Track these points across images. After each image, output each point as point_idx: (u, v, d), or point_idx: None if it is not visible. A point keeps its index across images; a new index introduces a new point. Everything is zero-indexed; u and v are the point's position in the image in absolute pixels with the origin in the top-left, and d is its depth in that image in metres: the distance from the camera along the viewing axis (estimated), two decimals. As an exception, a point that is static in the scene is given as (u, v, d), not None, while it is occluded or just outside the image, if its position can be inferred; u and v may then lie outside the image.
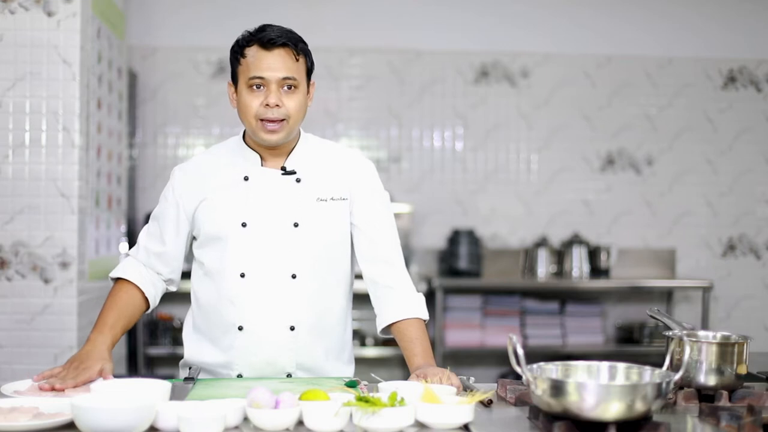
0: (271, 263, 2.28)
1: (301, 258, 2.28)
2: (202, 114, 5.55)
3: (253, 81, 2.20)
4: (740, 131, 5.84)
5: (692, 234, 5.82)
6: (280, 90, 2.20)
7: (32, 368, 3.71)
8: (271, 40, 2.19)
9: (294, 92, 2.22)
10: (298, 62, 2.22)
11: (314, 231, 2.29)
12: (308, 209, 2.29)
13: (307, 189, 2.30)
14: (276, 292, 2.28)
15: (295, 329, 2.29)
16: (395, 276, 2.35)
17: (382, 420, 1.70)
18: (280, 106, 2.20)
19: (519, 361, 1.78)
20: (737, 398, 2.06)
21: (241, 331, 2.28)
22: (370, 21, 5.63)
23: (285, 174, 2.30)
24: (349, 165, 2.37)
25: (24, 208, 3.81)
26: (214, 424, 1.67)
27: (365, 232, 2.34)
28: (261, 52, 2.20)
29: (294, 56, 2.21)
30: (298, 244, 2.28)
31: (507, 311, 5.43)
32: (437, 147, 5.71)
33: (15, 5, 3.80)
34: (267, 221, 2.28)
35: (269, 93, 2.19)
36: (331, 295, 2.35)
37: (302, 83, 2.24)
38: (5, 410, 1.77)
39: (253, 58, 2.20)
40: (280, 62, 2.19)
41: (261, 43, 2.20)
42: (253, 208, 2.28)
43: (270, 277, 2.28)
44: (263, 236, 2.27)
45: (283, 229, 2.28)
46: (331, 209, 2.31)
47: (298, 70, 2.22)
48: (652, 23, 5.78)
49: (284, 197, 2.29)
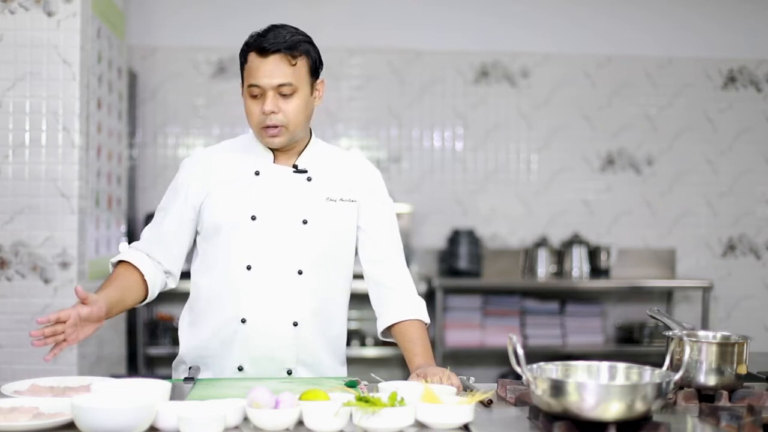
0: (278, 258, 2.28)
1: (308, 255, 2.29)
2: (202, 114, 5.55)
3: (251, 89, 2.22)
4: (740, 131, 5.84)
5: (692, 234, 5.82)
6: (277, 96, 2.21)
7: (32, 368, 3.71)
8: (264, 48, 2.19)
9: (291, 97, 2.22)
10: (295, 66, 2.21)
11: (322, 229, 2.30)
12: (317, 208, 2.31)
13: (317, 188, 2.32)
14: (281, 287, 2.28)
15: (298, 325, 2.29)
16: (397, 278, 2.38)
17: (382, 420, 1.70)
18: (276, 113, 2.21)
19: (519, 361, 1.78)
20: (737, 398, 2.06)
21: (244, 323, 2.28)
22: (370, 21, 5.63)
23: (296, 172, 2.32)
24: (358, 169, 2.40)
25: (24, 208, 3.81)
26: (214, 424, 1.67)
27: (369, 234, 2.37)
28: (257, 60, 2.21)
29: (289, 61, 2.20)
30: (305, 240, 2.29)
31: (507, 311, 5.43)
32: (437, 147, 5.71)
33: (15, 5, 3.80)
34: (276, 216, 2.29)
35: (266, 100, 2.21)
36: (333, 293, 2.36)
37: (302, 86, 2.23)
38: (5, 410, 1.77)
39: (251, 64, 2.22)
40: (274, 69, 2.20)
41: (257, 49, 2.21)
42: (263, 202, 2.29)
43: (276, 271, 2.28)
44: (272, 230, 2.28)
45: (291, 225, 2.29)
46: (339, 209, 2.33)
47: (294, 75, 2.21)
48: (652, 23, 5.78)
49: (294, 194, 2.30)
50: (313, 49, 2.27)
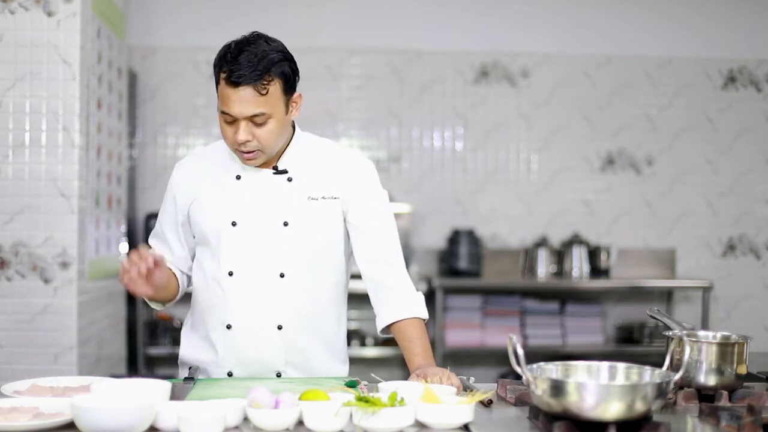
0: (260, 262, 2.28)
1: (291, 257, 2.29)
2: (202, 114, 5.55)
3: (224, 115, 2.18)
4: (740, 131, 5.84)
5: (692, 234, 5.82)
6: (249, 124, 2.16)
7: (32, 368, 3.71)
8: (235, 82, 2.12)
9: (265, 124, 2.17)
10: (267, 95, 2.14)
11: (304, 230, 2.29)
12: (298, 208, 2.29)
13: (298, 188, 2.30)
14: (263, 291, 2.29)
15: (282, 328, 2.29)
16: (395, 276, 2.35)
17: (382, 420, 1.70)
18: (250, 140, 2.17)
19: (519, 361, 1.78)
20: (737, 398, 2.06)
21: (230, 329, 2.30)
22: (370, 21, 5.63)
23: (276, 173, 2.30)
24: (345, 164, 2.36)
25: (24, 208, 3.81)
26: (214, 424, 1.67)
27: (365, 232, 2.34)
28: (228, 89, 2.13)
29: (260, 92, 2.13)
30: (287, 243, 2.28)
31: (507, 311, 5.43)
32: (437, 147, 5.71)
33: (15, 5, 3.80)
34: (256, 220, 2.29)
35: (238, 129, 2.16)
36: (321, 293, 2.35)
37: (276, 111, 2.17)
38: (5, 410, 1.77)
39: (222, 90, 2.16)
40: (246, 100, 2.13)
41: (227, 78, 2.14)
42: (243, 207, 2.29)
43: (258, 276, 2.29)
44: (252, 235, 2.28)
45: (272, 228, 2.28)
46: (322, 208, 2.31)
47: (267, 103, 2.15)
48: (652, 23, 5.78)
49: (275, 196, 2.29)
50: (288, 64, 2.19)
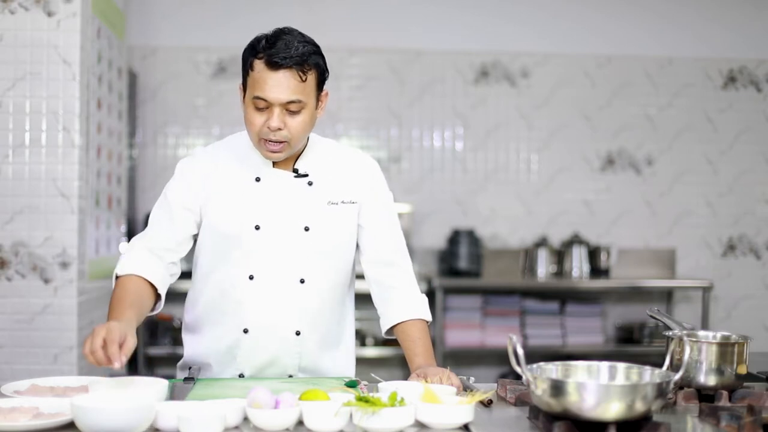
0: (281, 267, 2.25)
1: (311, 262, 2.26)
2: (202, 114, 5.55)
3: (256, 101, 2.12)
4: (740, 131, 5.84)
5: (692, 234, 5.82)
6: (283, 112, 2.12)
7: (32, 368, 3.72)
8: (275, 63, 2.08)
9: (299, 113, 2.13)
10: (305, 82, 2.12)
11: (324, 235, 2.26)
12: (319, 213, 2.26)
13: (318, 192, 2.27)
14: (284, 297, 2.26)
15: (300, 334, 2.28)
16: (400, 277, 2.35)
17: (382, 420, 1.70)
18: (282, 129, 2.13)
19: (519, 361, 1.78)
20: (737, 398, 2.06)
21: (247, 333, 2.26)
22: (370, 21, 5.63)
23: (297, 176, 2.26)
24: (358, 167, 2.34)
25: (24, 208, 3.81)
26: (214, 424, 1.67)
27: (372, 233, 2.33)
28: (266, 72, 2.09)
29: (300, 77, 2.10)
30: (307, 248, 2.25)
31: (507, 311, 5.43)
32: (437, 147, 5.71)
33: (15, 5, 3.80)
34: (279, 224, 2.24)
35: (272, 115, 2.11)
36: (336, 298, 2.34)
37: (309, 101, 2.15)
38: (5, 410, 1.77)
39: (258, 74, 2.11)
40: (284, 85, 2.09)
41: (268, 61, 2.10)
42: (265, 210, 2.24)
43: (278, 281, 2.25)
44: (274, 240, 2.24)
45: (293, 233, 2.24)
46: (341, 212, 2.29)
47: (304, 91, 2.12)
48: (652, 23, 5.78)
49: (296, 200, 2.25)
50: (322, 59, 2.17)
